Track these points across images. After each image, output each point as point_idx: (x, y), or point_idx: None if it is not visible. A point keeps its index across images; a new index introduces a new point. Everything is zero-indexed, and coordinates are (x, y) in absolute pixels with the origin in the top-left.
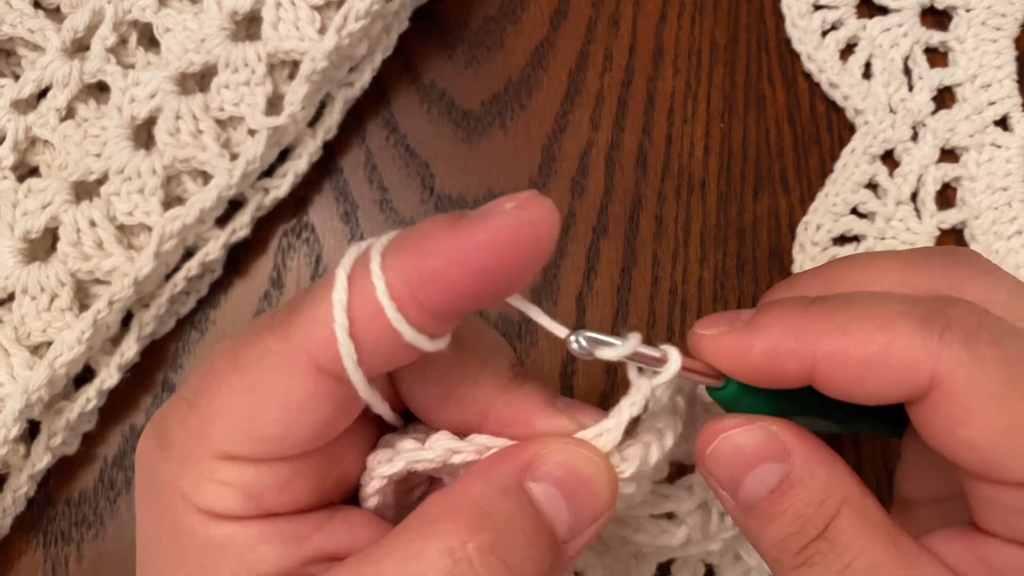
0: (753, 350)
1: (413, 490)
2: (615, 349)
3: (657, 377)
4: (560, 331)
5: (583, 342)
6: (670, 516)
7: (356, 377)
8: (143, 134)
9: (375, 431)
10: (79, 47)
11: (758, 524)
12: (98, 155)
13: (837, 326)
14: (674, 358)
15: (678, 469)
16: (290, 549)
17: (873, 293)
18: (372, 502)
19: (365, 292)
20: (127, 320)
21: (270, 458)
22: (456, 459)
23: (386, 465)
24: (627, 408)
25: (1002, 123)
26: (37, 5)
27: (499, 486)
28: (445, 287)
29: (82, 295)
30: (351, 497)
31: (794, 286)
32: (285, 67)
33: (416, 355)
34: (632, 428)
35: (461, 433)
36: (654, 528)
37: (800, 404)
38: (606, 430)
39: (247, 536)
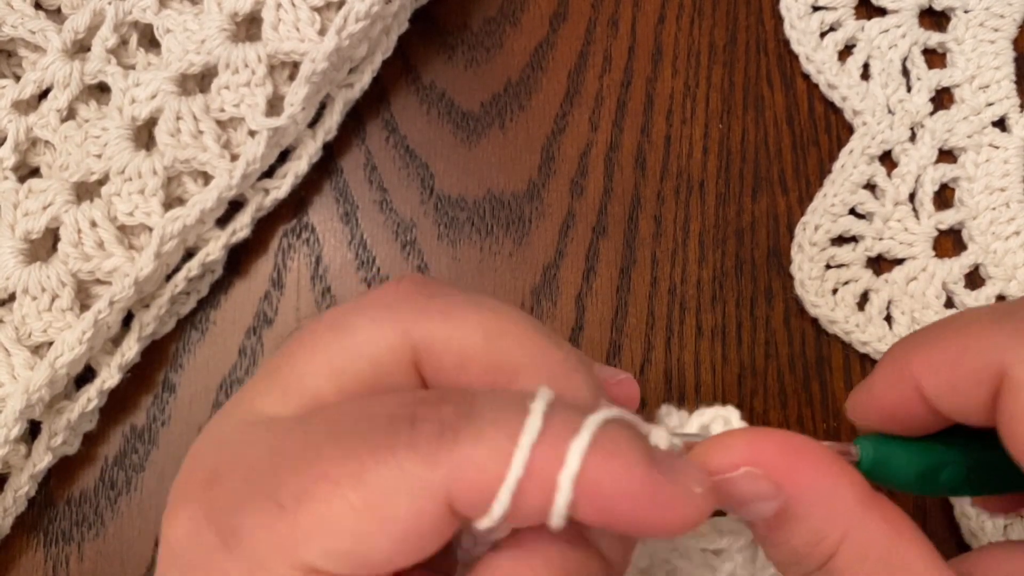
0: (873, 391)
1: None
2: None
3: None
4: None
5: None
6: (717, 553)
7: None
8: (144, 135)
9: None
10: (80, 48)
11: (761, 541)
12: (99, 156)
13: (927, 341)
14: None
15: None
16: None
17: (965, 311)
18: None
19: (548, 465)
20: (128, 320)
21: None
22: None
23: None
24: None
25: (1000, 124)
26: (38, 6)
27: (567, 541)
28: (609, 516)
29: (83, 295)
30: None
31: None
32: (285, 68)
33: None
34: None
35: None
36: (698, 559)
37: (948, 458)
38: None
39: None
